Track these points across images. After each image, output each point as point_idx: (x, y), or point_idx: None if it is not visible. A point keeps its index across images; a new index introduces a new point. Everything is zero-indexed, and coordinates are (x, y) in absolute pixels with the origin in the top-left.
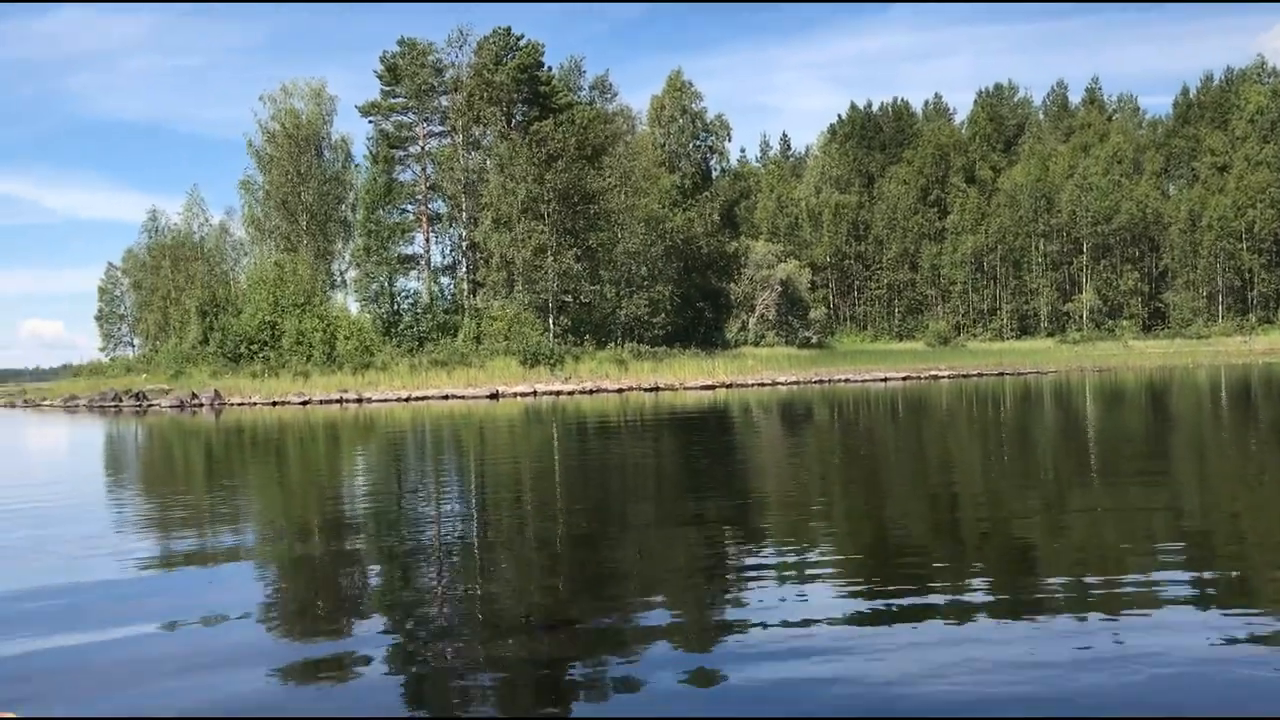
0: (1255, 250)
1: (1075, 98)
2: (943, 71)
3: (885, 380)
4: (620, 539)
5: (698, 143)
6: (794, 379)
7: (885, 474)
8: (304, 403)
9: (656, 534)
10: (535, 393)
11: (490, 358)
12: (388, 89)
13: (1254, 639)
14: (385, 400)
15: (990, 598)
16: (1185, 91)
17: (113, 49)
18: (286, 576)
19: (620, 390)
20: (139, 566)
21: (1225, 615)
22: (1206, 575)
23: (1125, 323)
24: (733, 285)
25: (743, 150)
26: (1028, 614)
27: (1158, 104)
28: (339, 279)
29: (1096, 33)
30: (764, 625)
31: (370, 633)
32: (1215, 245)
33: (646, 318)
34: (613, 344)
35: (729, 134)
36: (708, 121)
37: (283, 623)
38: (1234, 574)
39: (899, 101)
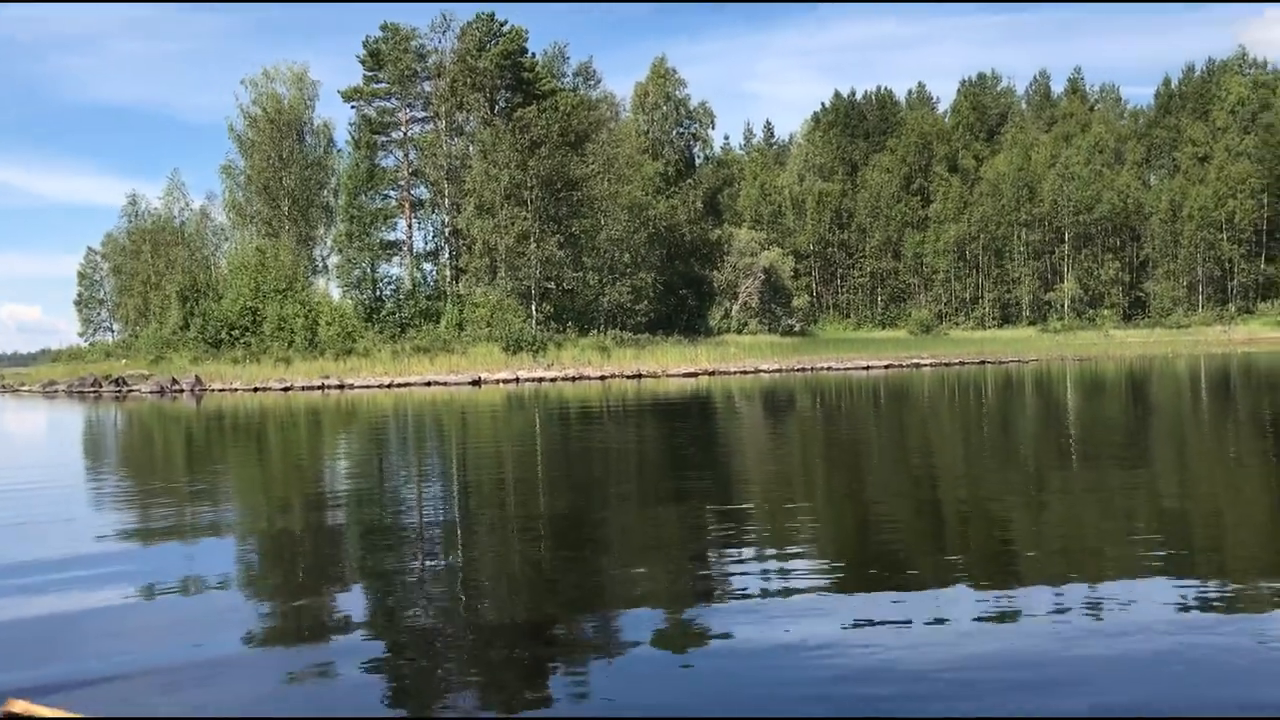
0: (1235, 240)
1: (1058, 87)
2: (926, 60)
3: (868, 368)
4: (601, 516)
5: (681, 130)
6: (776, 367)
7: (866, 458)
8: (285, 389)
9: (637, 512)
10: (518, 379)
11: (473, 344)
12: (370, 74)
13: (1223, 609)
14: (367, 386)
15: (968, 573)
16: (1167, 82)
17: (96, 32)
18: (267, 551)
19: (602, 377)
20: (119, 543)
21: (1200, 589)
22: (1182, 553)
23: (1106, 312)
24: (716, 273)
25: (726, 138)
26: (1006, 591)
27: (1139, 94)
28: (321, 265)
29: (1079, 23)
30: (744, 594)
31: (351, 601)
32: (1195, 235)
33: (629, 305)
34: (595, 331)
35: (712, 121)
36: (691, 109)
37: (262, 591)
38: (1207, 551)
39: (883, 90)
